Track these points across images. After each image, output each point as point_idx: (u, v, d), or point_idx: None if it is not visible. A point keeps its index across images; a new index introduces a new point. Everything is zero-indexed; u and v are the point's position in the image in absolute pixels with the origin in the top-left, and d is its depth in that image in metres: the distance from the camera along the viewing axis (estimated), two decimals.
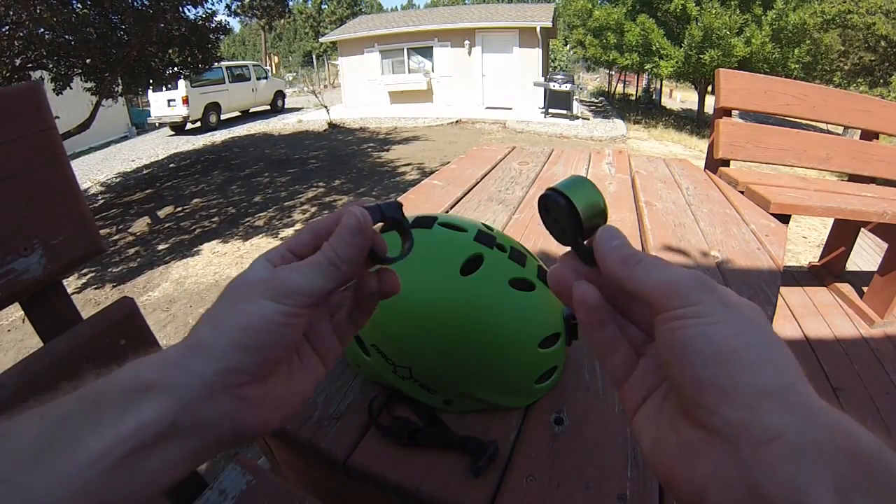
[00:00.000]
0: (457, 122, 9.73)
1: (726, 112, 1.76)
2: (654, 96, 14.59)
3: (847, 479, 0.14)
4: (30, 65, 4.21)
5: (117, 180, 6.74)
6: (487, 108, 11.51)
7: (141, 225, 4.65)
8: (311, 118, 10.80)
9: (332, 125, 9.41)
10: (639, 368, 0.24)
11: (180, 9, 5.05)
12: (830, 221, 2.25)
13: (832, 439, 0.15)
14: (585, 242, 0.25)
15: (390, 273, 0.29)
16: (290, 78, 23.36)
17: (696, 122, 10.83)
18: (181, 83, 8.53)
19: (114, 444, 0.19)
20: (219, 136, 9.33)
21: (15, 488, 0.17)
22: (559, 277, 0.25)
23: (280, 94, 13.15)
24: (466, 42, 11.44)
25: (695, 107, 12.07)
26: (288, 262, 0.26)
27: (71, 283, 3.44)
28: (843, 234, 2.08)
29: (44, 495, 0.17)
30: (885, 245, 1.72)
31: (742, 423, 0.16)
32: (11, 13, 3.69)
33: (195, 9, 5.32)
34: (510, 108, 11.14)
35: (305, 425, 0.53)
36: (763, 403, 0.16)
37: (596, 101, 14.93)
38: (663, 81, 13.97)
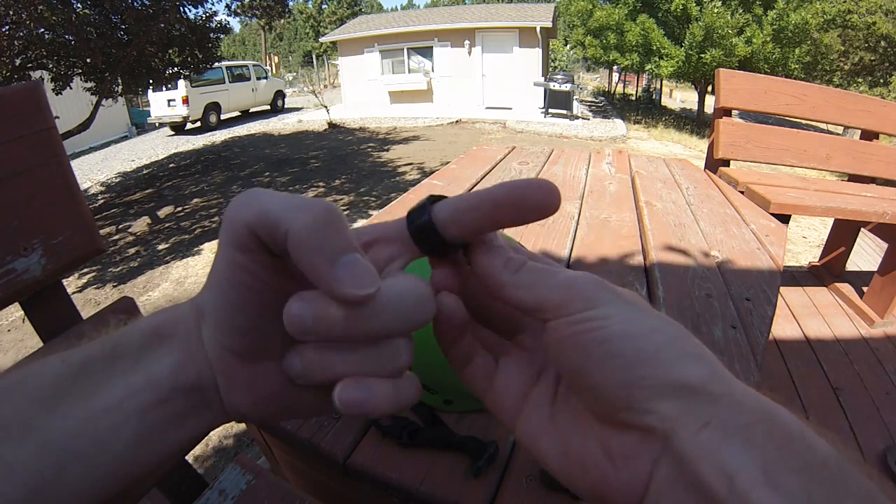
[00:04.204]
0: (457, 122, 9.73)
1: (726, 112, 1.76)
2: (654, 96, 14.58)
3: (773, 460, 0.15)
4: (30, 65, 4.21)
5: (117, 180, 6.74)
6: (487, 108, 11.51)
7: (141, 225, 4.65)
8: (311, 118, 10.80)
9: (332, 125, 9.41)
10: (500, 372, 0.23)
11: (180, 9, 5.06)
12: (830, 221, 2.25)
13: (758, 424, 0.16)
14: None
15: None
16: (290, 78, 23.33)
17: (696, 122, 10.83)
18: (181, 83, 8.53)
19: (126, 395, 0.18)
20: (219, 136, 9.33)
21: (33, 431, 0.17)
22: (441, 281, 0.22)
23: (280, 94, 13.15)
24: (466, 42, 11.44)
25: (695, 107, 12.08)
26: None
27: (71, 283, 3.44)
28: (843, 234, 2.08)
29: (60, 440, 0.17)
30: (885, 245, 1.72)
31: (676, 416, 0.16)
32: (11, 13, 3.69)
33: (195, 9, 5.33)
34: (510, 108, 11.14)
35: (305, 425, 0.53)
36: (692, 395, 0.16)
37: (596, 101, 14.92)
38: (663, 81, 13.98)
